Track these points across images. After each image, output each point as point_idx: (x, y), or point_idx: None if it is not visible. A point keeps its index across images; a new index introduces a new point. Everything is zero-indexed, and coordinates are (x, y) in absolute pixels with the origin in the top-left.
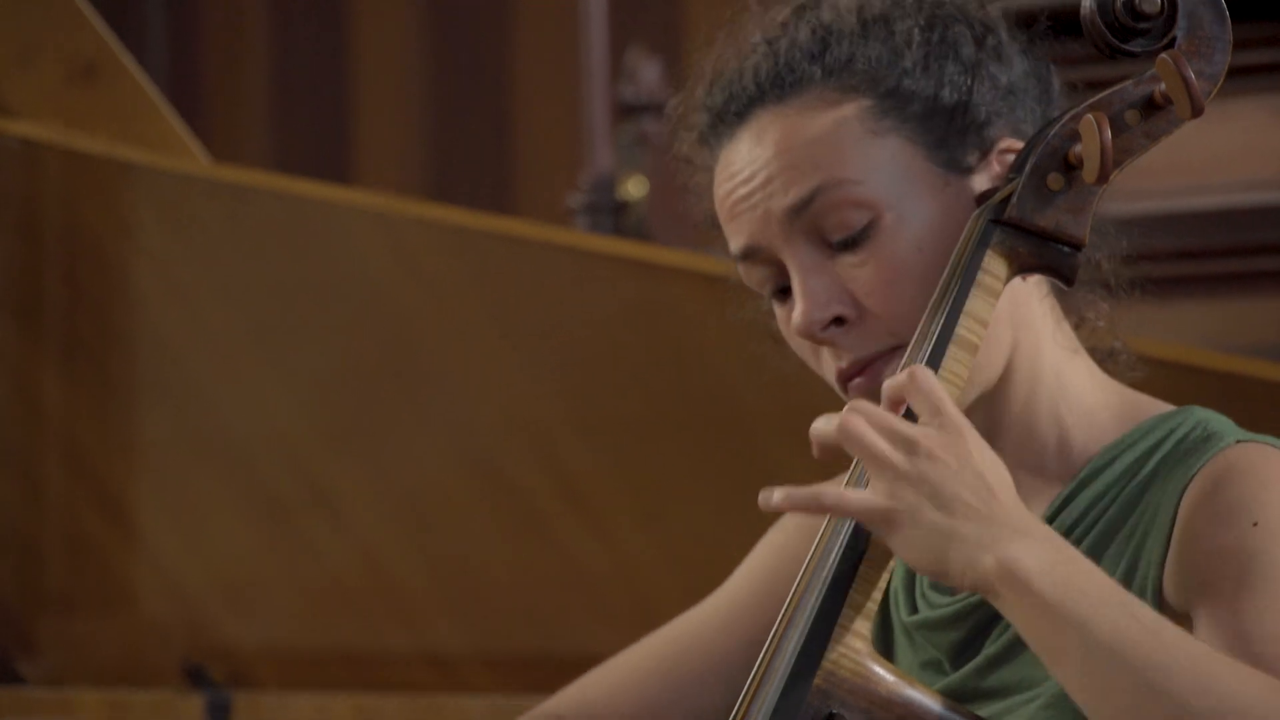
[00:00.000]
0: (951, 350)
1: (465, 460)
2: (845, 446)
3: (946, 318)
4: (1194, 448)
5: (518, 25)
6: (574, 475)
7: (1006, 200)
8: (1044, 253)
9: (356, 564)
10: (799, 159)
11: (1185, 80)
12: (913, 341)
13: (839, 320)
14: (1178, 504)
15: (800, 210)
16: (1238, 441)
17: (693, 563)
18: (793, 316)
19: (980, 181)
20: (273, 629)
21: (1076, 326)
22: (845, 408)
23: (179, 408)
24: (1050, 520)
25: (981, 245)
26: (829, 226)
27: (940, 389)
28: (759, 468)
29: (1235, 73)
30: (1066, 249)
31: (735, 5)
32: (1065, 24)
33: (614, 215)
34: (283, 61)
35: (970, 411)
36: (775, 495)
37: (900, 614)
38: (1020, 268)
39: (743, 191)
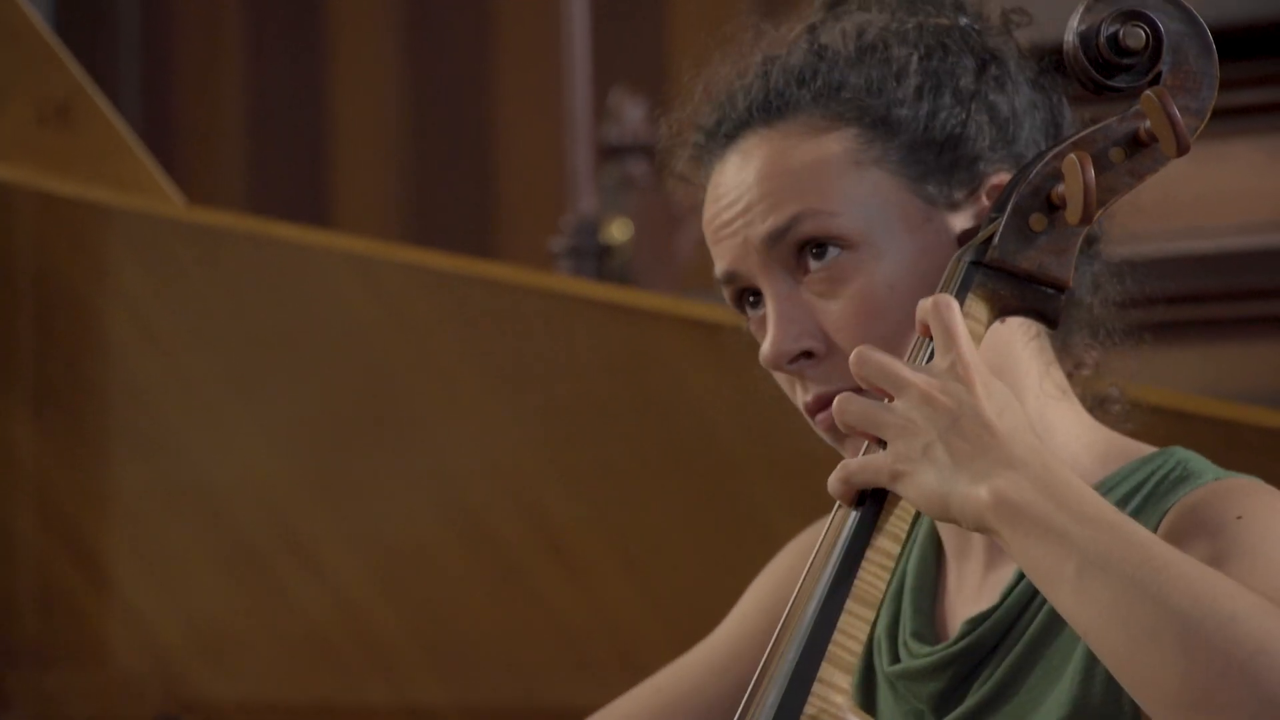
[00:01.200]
0: None
1: (445, 509)
2: (845, 427)
3: (929, 360)
4: (1172, 486)
5: (499, 65)
6: (556, 523)
7: (988, 241)
8: (1026, 295)
9: (335, 615)
10: (779, 186)
11: (1170, 117)
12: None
13: (808, 354)
14: (1155, 531)
15: (777, 239)
16: (1215, 479)
17: (677, 613)
18: (762, 347)
19: (965, 218)
20: (249, 681)
21: (1070, 373)
22: (852, 356)
23: (154, 456)
24: None
25: (963, 288)
26: (804, 257)
27: (959, 324)
28: (744, 516)
29: (1230, 113)
30: (1050, 291)
31: (725, 30)
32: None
33: (598, 259)
34: (259, 102)
35: None
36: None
37: (883, 663)
38: (1002, 310)
39: (726, 216)
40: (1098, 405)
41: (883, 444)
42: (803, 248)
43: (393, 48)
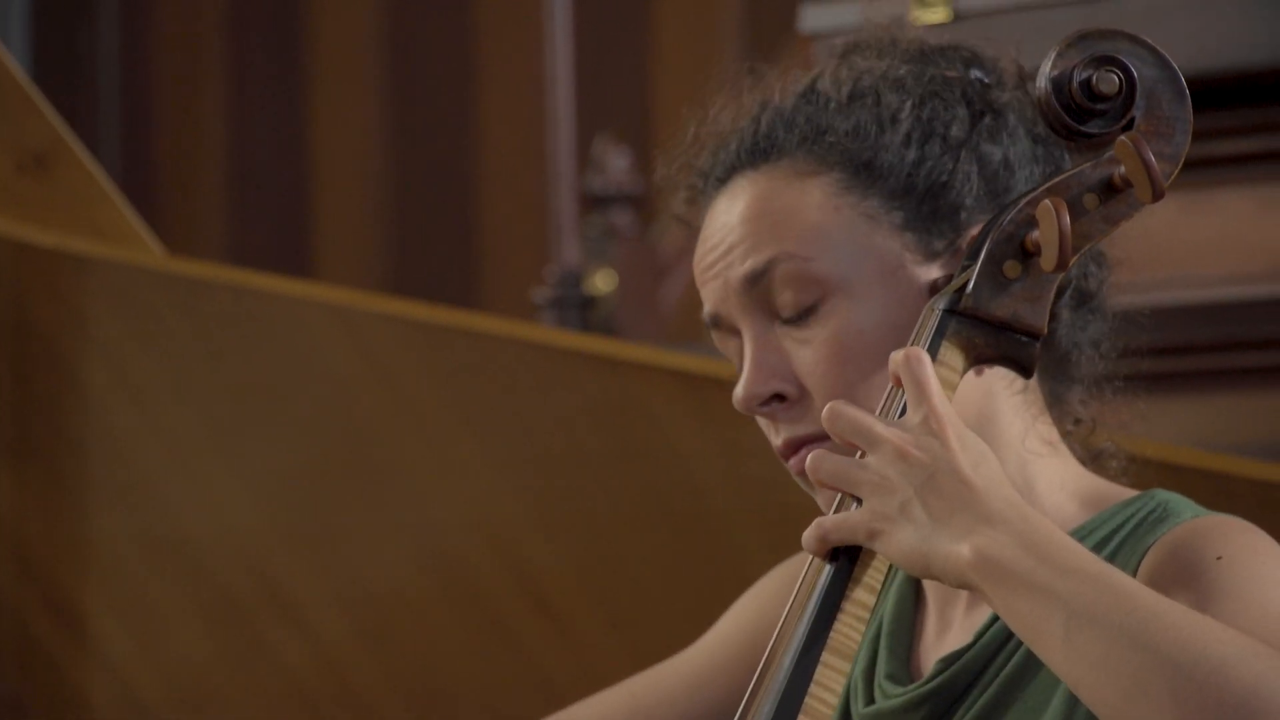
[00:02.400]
0: None
1: (428, 562)
2: (819, 484)
3: (903, 409)
4: (1152, 526)
5: (482, 114)
6: (540, 577)
7: (962, 289)
8: (1001, 343)
9: (315, 668)
10: (759, 229)
11: (1145, 162)
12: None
13: (781, 397)
14: (1135, 573)
15: (755, 281)
16: (1194, 517)
17: None
18: (735, 390)
19: (942, 269)
20: None
21: (1068, 430)
22: (825, 411)
23: (133, 508)
24: None
25: (937, 336)
26: (780, 301)
27: (930, 377)
28: (730, 568)
29: (1219, 162)
30: (1024, 339)
31: (724, 74)
32: None
33: (582, 310)
34: (240, 152)
35: None
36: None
37: (858, 706)
38: (977, 359)
39: (710, 258)
40: (1093, 460)
41: (859, 500)
42: (779, 291)
43: (374, 97)
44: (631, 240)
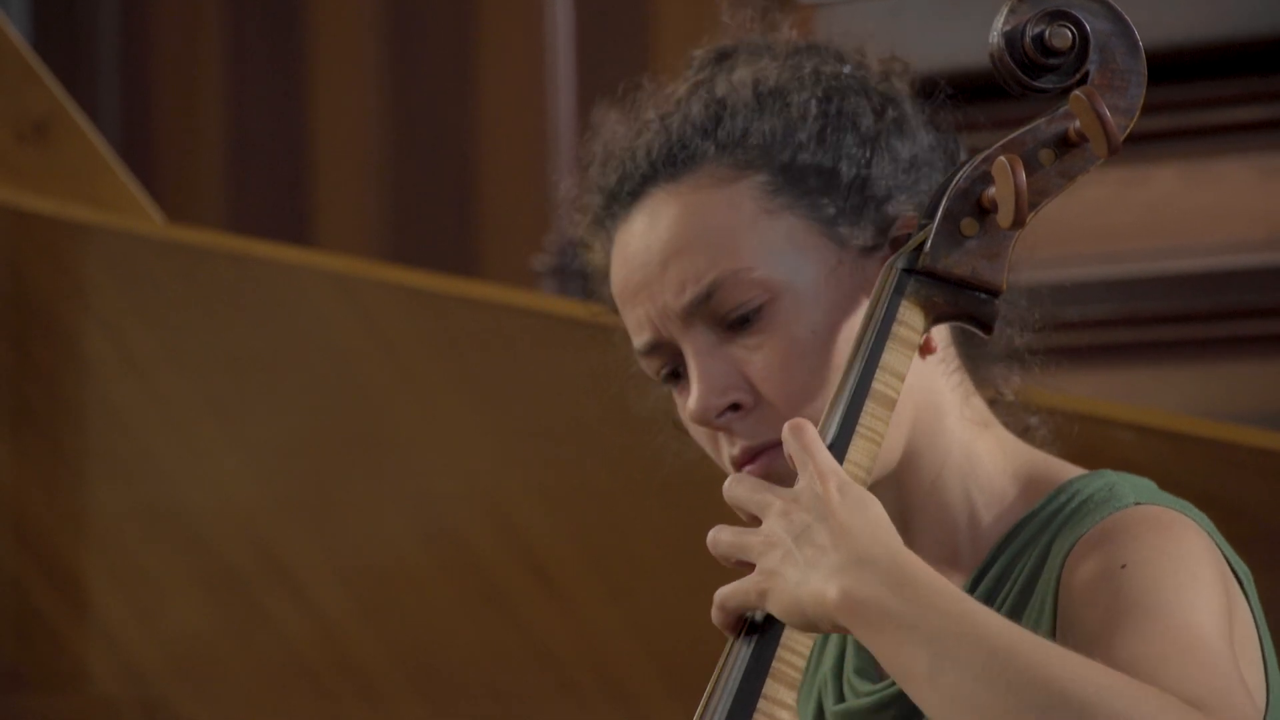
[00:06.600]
0: (868, 406)
1: (427, 531)
2: (722, 560)
3: (862, 372)
4: (1092, 510)
5: (481, 82)
6: (538, 546)
7: (920, 248)
8: (960, 300)
9: (315, 638)
10: (694, 248)
11: (1100, 116)
12: (830, 400)
13: (735, 406)
14: (1063, 565)
15: (699, 305)
16: (1137, 503)
17: (660, 636)
18: (688, 403)
19: (878, 261)
20: (230, 707)
21: (992, 400)
22: (725, 484)
23: (132, 478)
24: None
25: (896, 295)
26: (724, 310)
27: (812, 440)
28: None
29: (1220, 131)
30: (983, 296)
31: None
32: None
33: (582, 278)
34: (240, 120)
35: (878, 495)
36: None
37: (829, 703)
38: (937, 317)
39: (639, 278)
40: (1023, 433)
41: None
42: (723, 304)
43: (373, 65)
44: None
